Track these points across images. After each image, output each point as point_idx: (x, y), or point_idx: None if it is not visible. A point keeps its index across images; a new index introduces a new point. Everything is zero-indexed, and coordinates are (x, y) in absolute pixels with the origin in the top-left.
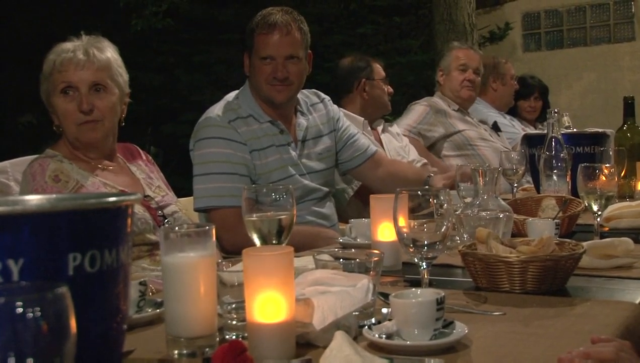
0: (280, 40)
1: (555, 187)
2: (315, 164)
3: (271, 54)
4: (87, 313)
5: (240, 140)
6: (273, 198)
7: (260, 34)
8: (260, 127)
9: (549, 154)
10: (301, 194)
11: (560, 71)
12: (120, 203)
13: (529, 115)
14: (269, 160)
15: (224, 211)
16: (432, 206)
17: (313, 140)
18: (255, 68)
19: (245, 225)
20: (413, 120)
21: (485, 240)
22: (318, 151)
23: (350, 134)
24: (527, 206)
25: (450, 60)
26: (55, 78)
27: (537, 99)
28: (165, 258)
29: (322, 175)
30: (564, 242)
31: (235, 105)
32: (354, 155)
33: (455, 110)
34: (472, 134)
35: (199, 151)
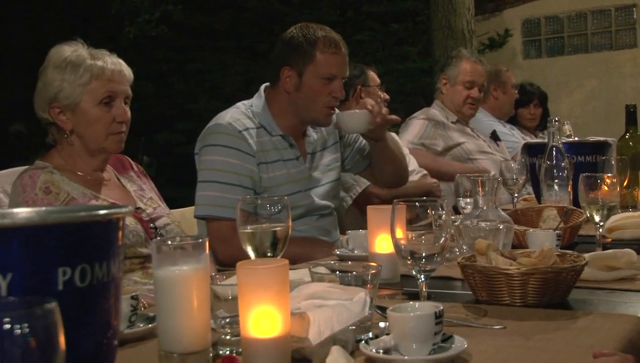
0: (344, 61)
1: (556, 197)
2: (323, 176)
3: (336, 73)
4: (77, 328)
5: (249, 152)
6: (268, 210)
7: (325, 51)
8: (271, 139)
9: (549, 163)
10: (307, 211)
11: (561, 78)
12: (111, 215)
13: (529, 123)
14: (276, 175)
15: (221, 223)
16: (431, 217)
17: (320, 152)
18: (310, 87)
19: (240, 238)
20: (413, 135)
21: (485, 251)
22: (326, 163)
23: (355, 138)
24: (528, 217)
25: (457, 71)
26: (96, 86)
27: (536, 106)
28: (157, 271)
29: (330, 188)
30: (566, 254)
31: (248, 114)
32: (362, 156)
33: (453, 122)
34: (471, 146)
35: (206, 157)
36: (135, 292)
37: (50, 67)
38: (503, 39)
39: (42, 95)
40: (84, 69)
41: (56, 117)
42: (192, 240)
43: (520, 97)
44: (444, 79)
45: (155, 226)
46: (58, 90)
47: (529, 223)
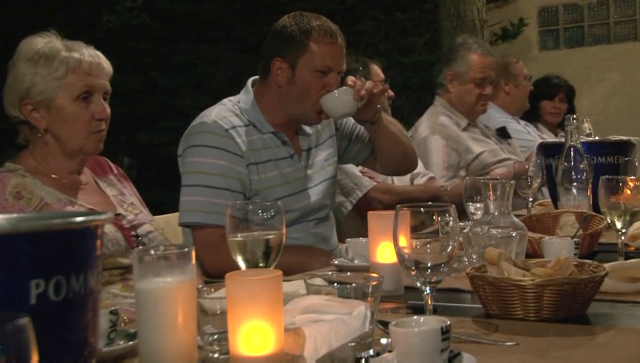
0: (341, 52)
1: (574, 201)
2: (319, 174)
3: (331, 65)
4: (52, 346)
5: (237, 152)
6: (260, 216)
7: (320, 42)
8: (261, 138)
9: (567, 164)
10: (303, 214)
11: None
12: (88, 223)
13: (552, 118)
14: (268, 176)
15: (209, 230)
16: (437, 224)
17: (316, 148)
18: (303, 80)
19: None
20: (442, 163)
21: (496, 261)
22: (322, 159)
23: (352, 126)
24: (544, 223)
25: (467, 67)
26: (72, 80)
27: (562, 100)
28: (139, 283)
29: (326, 186)
30: (584, 264)
31: (235, 111)
32: (362, 145)
33: (464, 129)
34: (487, 156)
35: (190, 159)
36: (115, 306)
37: (21, 61)
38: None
39: (12, 91)
40: (59, 62)
41: (28, 114)
42: (177, 249)
43: (544, 89)
44: (450, 75)
45: (137, 234)
46: (30, 85)
47: (545, 230)
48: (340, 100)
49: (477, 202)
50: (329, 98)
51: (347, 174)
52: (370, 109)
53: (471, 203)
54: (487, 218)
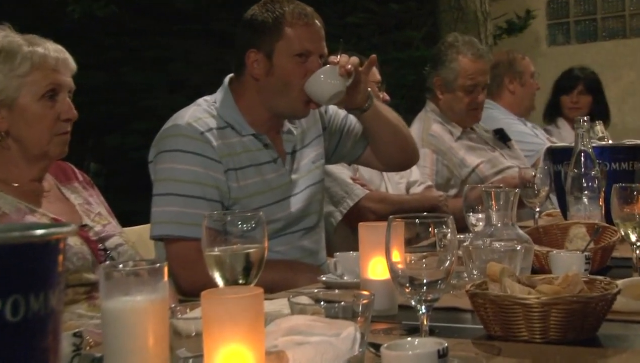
0: (319, 34)
1: (585, 212)
2: (305, 178)
3: (310, 48)
4: None
5: (214, 157)
6: (240, 227)
7: (295, 24)
8: (240, 141)
9: (577, 171)
10: (287, 224)
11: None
12: (50, 236)
13: (572, 113)
14: (248, 183)
15: (184, 243)
16: (433, 236)
17: (301, 150)
18: (282, 68)
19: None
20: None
21: (499, 277)
22: (309, 162)
23: (341, 121)
24: (551, 235)
25: (454, 74)
26: (37, 78)
27: (581, 93)
28: (106, 302)
29: (313, 191)
30: (595, 280)
31: (211, 112)
32: (355, 140)
33: (458, 138)
34: (485, 168)
35: (161, 165)
36: (79, 328)
37: None
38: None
39: None
40: (22, 58)
41: None
42: (149, 264)
43: (562, 83)
44: (437, 80)
45: (105, 247)
46: None
47: (553, 243)
48: (326, 81)
49: (479, 212)
50: (313, 81)
51: (336, 180)
52: (360, 93)
53: (472, 213)
54: (489, 230)
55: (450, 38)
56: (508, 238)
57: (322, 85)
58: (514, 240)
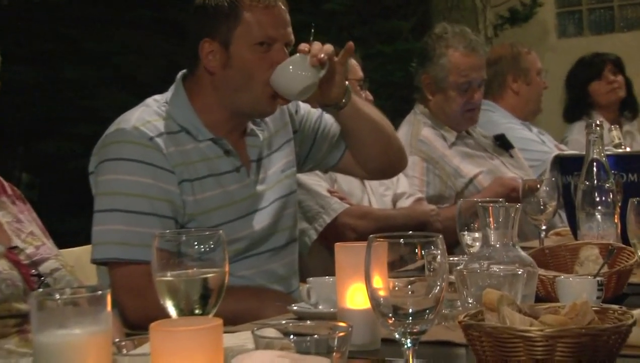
0: (284, 19)
1: (598, 230)
2: (273, 190)
3: (274, 35)
4: None
5: (166, 166)
6: (197, 248)
7: (255, 7)
8: (197, 147)
9: (589, 183)
10: (252, 244)
11: None
12: None
13: (611, 95)
14: (207, 196)
15: (131, 267)
16: (421, 258)
17: (268, 157)
18: (242, 59)
19: (157, 289)
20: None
21: (497, 306)
22: (277, 171)
23: (315, 122)
24: (559, 258)
25: (446, 70)
26: None
27: (613, 72)
28: (39, 336)
29: (283, 205)
30: (608, 309)
31: (162, 114)
32: (331, 144)
33: (452, 144)
34: (484, 179)
35: (104, 177)
36: None
37: None
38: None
39: None
40: None
41: None
42: (89, 292)
43: (587, 70)
44: (426, 77)
45: (39, 272)
46: None
47: (561, 266)
48: (295, 72)
49: (475, 230)
50: (280, 73)
51: (311, 193)
52: (335, 86)
53: (467, 232)
54: (486, 252)
55: (438, 29)
56: (508, 261)
57: (291, 78)
58: (515, 264)
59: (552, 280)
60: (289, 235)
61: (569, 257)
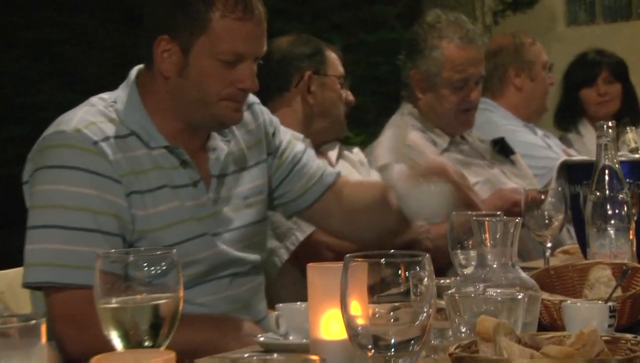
0: (259, 31)
1: (610, 247)
2: (238, 214)
3: (244, 51)
4: None
5: (112, 175)
6: (146, 271)
7: (228, 15)
8: (149, 154)
9: (600, 194)
10: (212, 268)
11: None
12: None
13: (601, 109)
14: (160, 210)
15: (69, 293)
16: (405, 281)
17: (234, 175)
18: (200, 71)
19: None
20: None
21: (493, 336)
22: (243, 193)
23: (296, 155)
24: (566, 279)
25: (439, 65)
26: None
27: (608, 81)
28: None
29: (248, 234)
30: (620, 339)
31: (109, 115)
32: (307, 186)
33: (444, 150)
34: (482, 191)
35: (40, 186)
36: None
37: None
38: None
39: None
40: None
41: None
42: (21, 321)
43: (580, 73)
44: (416, 72)
45: None
46: None
47: (568, 289)
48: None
49: (469, 248)
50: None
51: None
52: None
53: (460, 250)
54: (482, 273)
55: (430, 17)
56: (507, 284)
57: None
58: (515, 286)
59: (557, 306)
60: (258, 258)
61: (577, 278)
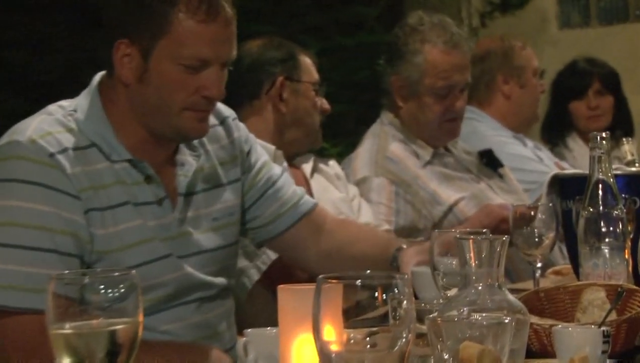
0: (228, 31)
1: (605, 268)
2: (206, 236)
3: (209, 57)
4: None
5: (69, 190)
6: (104, 294)
7: (192, 17)
8: (111, 168)
9: (593, 210)
10: (177, 292)
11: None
12: None
13: (591, 123)
14: (121, 229)
15: (23, 318)
16: (382, 304)
17: (204, 193)
18: (161, 77)
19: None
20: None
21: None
22: (213, 213)
23: (271, 177)
24: (557, 302)
25: (421, 71)
26: None
27: (599, 93)
28: None
29: (218, 258)
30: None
31: (68, 125)
32: (279, 212)
33: (427, 163)
34: (467, 206)
35: None
36: None
37: None
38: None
39: None
40: None
41: None
42: None
43: (569, 83)
44: (396, 79)
45: None
46: None
47: (559, 313)
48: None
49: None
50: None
51: None
52: None
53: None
54: (466, 295)
55: (412, 19)
56: (493, 307)
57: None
58: (501, 310)
59: (547, 331)
60: (226, 283)
61: (569, 301)
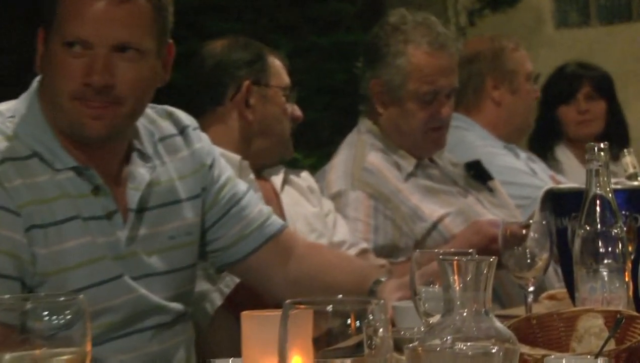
0: (113, 13)
1: (603, 292)
2: (160, 257)
3: (89, 36)
4: None
5: (8, 206)
6: (47, 321)
7: None
8: (54, 179)
9: (590, 228)
10: (130, 318)
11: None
12: None
13: (581, 129)
14: (66, 248)
15: None
16: (356, 332)
17: (159, 209)
18: (52, 61)
19: None
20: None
21: None
22: (170, 231)
23: (235, 194)
24: (551, 330)
25: (403, 75)
26: None
27: (590, 97)
28: None
29: (173, 282)
30: None
31: (6, 132)
32: (243, 233)
33: (409, 175)
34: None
35: None
36: None
37: None
38: None
39: None
40: None
41: None
42: None
43: (558, 87)
44: (377, 84)
45: None
46: None
47: (552, 342)
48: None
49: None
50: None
51: None
52: None
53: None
54: (450, 322)
55: (394, 18)
56: (480, 335)
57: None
58: (489, 338)
59: (540, 361)
60: (181, 308)
61: (564, 329)
